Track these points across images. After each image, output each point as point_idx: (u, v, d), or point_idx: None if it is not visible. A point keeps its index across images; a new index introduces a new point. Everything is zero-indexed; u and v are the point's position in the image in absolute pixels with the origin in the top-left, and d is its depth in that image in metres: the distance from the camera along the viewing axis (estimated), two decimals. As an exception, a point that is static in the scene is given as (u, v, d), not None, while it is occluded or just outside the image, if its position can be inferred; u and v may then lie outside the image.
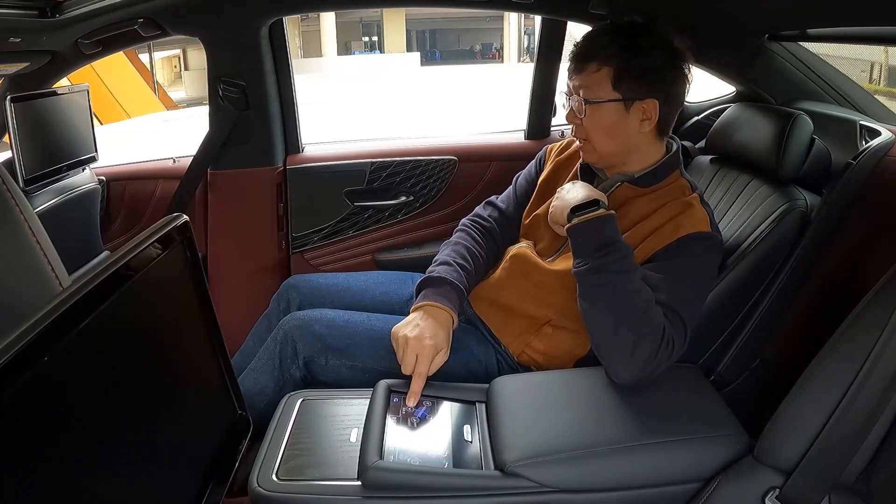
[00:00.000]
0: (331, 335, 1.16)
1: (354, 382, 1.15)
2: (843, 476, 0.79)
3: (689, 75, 1.15)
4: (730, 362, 1.20)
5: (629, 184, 1.16)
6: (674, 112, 1.15)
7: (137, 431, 0.57)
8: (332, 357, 1.16)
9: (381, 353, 1.14)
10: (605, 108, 1.12)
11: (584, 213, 1.05)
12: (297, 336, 1.17)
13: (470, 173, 1.83)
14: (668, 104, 1.13)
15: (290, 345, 1.17)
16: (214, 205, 1.79)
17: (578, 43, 1.16)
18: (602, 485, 0.88)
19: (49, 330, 0.45)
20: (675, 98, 1.13)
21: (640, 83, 1.10)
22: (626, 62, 1.09)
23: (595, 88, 1.11)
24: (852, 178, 1.12)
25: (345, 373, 1.16)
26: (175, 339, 0.67)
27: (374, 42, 26.29)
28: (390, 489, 0.85)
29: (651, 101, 1.11)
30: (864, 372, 0.75)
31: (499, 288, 1.23)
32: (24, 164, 1.49)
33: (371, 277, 1.46)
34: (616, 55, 1.10)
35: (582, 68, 1.13)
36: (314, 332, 1.17)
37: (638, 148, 1.16)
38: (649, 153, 1.16)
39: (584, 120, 1.14)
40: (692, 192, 1.14)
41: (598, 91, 1.11)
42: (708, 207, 1.12)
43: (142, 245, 0.58)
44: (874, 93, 1.67)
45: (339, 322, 1.19)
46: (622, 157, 1.16)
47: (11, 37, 1.39)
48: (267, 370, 1.19)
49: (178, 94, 16.04)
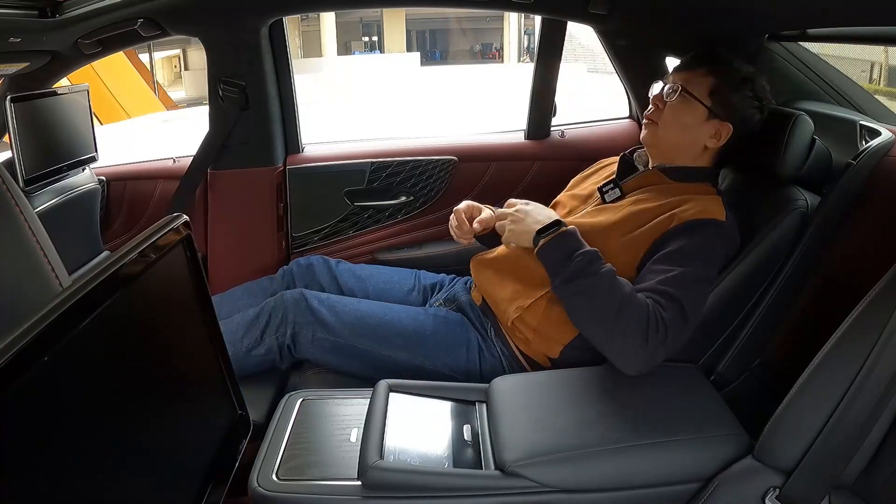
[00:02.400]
0: (320, 310, 1.24)
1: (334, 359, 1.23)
2: (843, 476, 0.79)
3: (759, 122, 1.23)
4: (730, 362, 1.20)
5: (660, 171, 1.23)
6: (737, 147, 1.23)
7: (137, 431, 0.57)
8: (318, 331, 1.23)
9: (362, 331, 1.22)
10: (690, 104, 1.21)
11: (549, 233, 1.10)
12: (290, 306, 1.25)
13: (470, 173, 1.83)
14: (738, 137, 1.21)
15: (280, 311, 1.25)
16: (214, 205, 1.79)
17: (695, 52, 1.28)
18: (602, 485, 0.88)
19: (49, 330, 0.45)
20: (745, 134, 1.22)
21: (728, 105, 1.20)
22: (728, 81, 1.20)
23: (693, 86, 1.21)
24: (852, 178, 1.12)
25: (328, 347, 1.23)
26: (175, 339, 0.67)
27: (374, 42, 26.27)
28: (390, 489, 0.85)
29: (727, 126, 1.20)
30: (864, 372, 0.75)
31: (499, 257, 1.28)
32: (24, 164, 1.48)
33: (376, 268, 1.52)
34: (724, 72, 1.20)
35: (693, 68, 1.23)
36: (309, 305, 1.25)
37: (690, 154, 1.23)
38: (694, 160, 1.24)
39: (666, 105, 1.22)
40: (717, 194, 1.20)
41: (694, 89, 1.21)
42: (732, 210, 1.16)
43: (142, 245, 0.58)
44: (874, 93, 1.67)
45: (330, 301, 1.27)
46: (672, 153, 1.24)
47: (11, 37, 1.39)
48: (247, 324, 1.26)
49: (178, 94, 16.04)
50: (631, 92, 1.85)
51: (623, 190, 1.25)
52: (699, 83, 1.21)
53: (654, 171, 1.23)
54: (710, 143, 1.22)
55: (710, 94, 1.20)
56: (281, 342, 1.23)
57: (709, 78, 1.20)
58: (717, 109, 1.20)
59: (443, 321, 1.26)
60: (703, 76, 1.21)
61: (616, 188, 1.26)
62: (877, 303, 0.79)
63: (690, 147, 1.23)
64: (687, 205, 1.14)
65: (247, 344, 1.24)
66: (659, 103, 1.24)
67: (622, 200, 1.24)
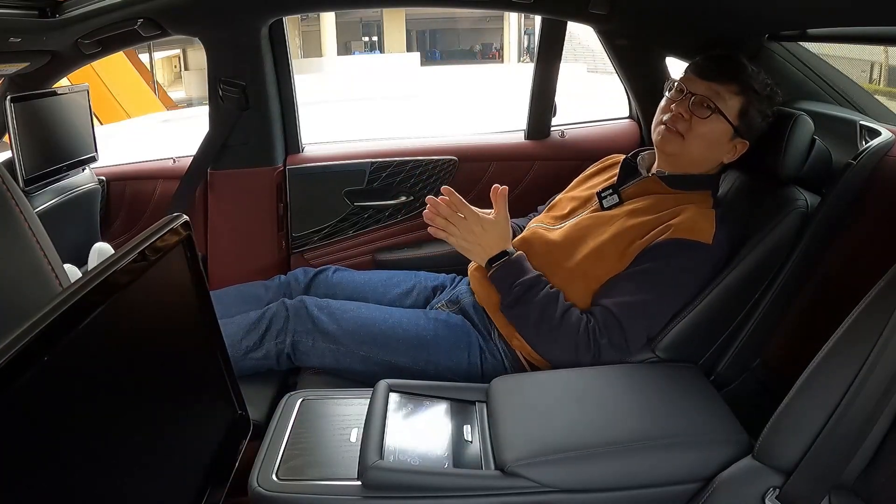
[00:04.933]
0: (320, 318, 1.23)
1: (335, 366, 1.22)
2: (844, 476, 0.79)
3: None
4: (730, 362, 1.20)
5: (660, 179, 1.22)
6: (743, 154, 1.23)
7: (137, 431, 0.57)
8: (318, 339, 1.22)
9: (364, 338, 1.21)
10: (721, 124, 1.19)
11: (497, 262, 1.18)
12: (291, 314, 1.24)
13: (470, 173, 1.83)
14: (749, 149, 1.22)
15: (282, 318, 1.24)
16: (214, 205, 1.79)
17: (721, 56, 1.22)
18: (602, 485, 0.88)
19: (49, 330, 0.45)
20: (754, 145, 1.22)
21: (753, 127, 1.20)
22: (758, 103, 1.19)
23: (724, 104, 1.18)
24: (852, 178, 1.11)
25: (328, 356, 1.22)
26: (175, 339, 0.67)
27: (374, 42, 26.27)
28: (390, 489, 0.85)
29: (745, 143, 1.21)
30: (864, 372, 0.75)
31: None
32: (24, 164, 1.48)
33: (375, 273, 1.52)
34: (754, 92, 1.18)
35: (724, 81, 1.18)
36: (308, 313, 1.24)
37: (705, 167, 1.23)
38: (703, 166, 1.23)
39: (694, 121, 1.18)
40: (712, 208, 1.20)
41: (726, 108, 1.18)
42: (723, 225, 1.15)
43: (142, 245, 0.58)
44: (874, 93, 1.67)
45: (330, 308, 1.26)
46: (689, 166, 1.23)
47: (11, 37, 1.38)
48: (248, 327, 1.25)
49: (178, 94, 16.03)
50: (631, 92, 1.85)
51: (621, 196, 1.25)
52: (730, 101, 1.18)
53: (654, 179, 1.23)
54: (727, 159, 1.23)
55: (739, 114, 1.18)
56: (280, 349, 1.23)
57: (740, 98, 1.18)
58: (742, 130, 1.19)
59: (444, 325, 1.25)
60: (734, 94, 1.18)
61: (614, 194, 1.26)
62: (877, 303, 0.79)
63: (709, 162, 1.23)
64: (677, 219, 1.13)
65: (245, 346, 1.23)
66: (685, 113, 1.20)
67: (619, 208, 1.24)
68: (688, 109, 1.19)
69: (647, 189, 1.24)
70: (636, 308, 1.11)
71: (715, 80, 1.19)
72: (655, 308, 1.12)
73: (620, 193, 1.25)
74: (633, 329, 1.10)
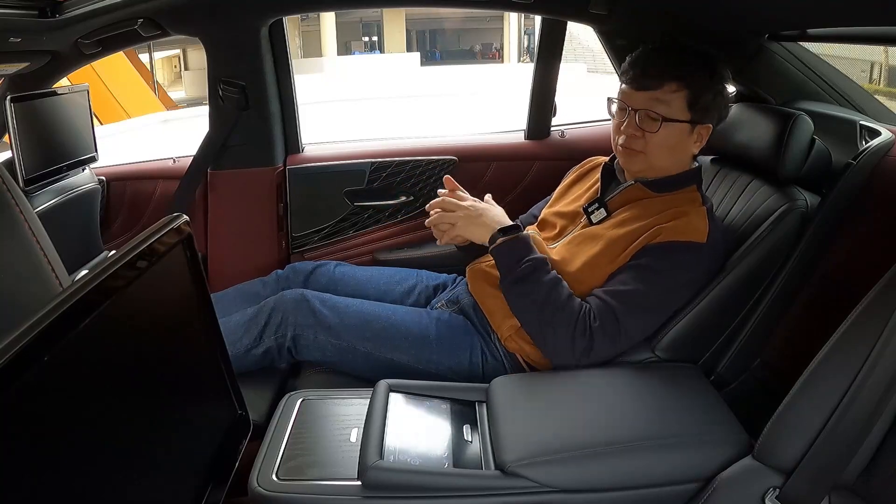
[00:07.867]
0: (323, 312, 1.22)
1: (336, 361, 1.22)
2: (843, 476, 0.79)
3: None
4: (730, 362, 1.20)
5: (643, 185, 1.20)
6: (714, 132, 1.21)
7: (137, 431, 0.57)
8: (320, 333, 1.21)
9: (366, 334, 1.21)
10: (675, 127, 1.16)
11: (507, 235, 1.15)
12: (291, 307, 1.22)
13: (470, 173, 1.83)
14: (715, 129, 1.20)
15: (279, 314, 1.22)
16: (214, 205, 1.79)
17: (647, 59, 1.17)
18: (602, 485, 0.88)
19: (49, 330, 0.45)
20: (720, 123, 1.20)
21: (709, 109, 1.17)
22: (702, 87, 1.15)
23: (670, 108, 1.14)
24: (852, 178, 1.12)
25: (330, 350, 1.21)
26: (175, 339, 0.67)
27: (374, 42, 26.27)
28: (390, 489, 0.85)
29: (708, 126, 1.18)
30: (864, 372, 0.75)
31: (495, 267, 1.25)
32: (24, 164, 1.48)
33: (377, 269, 1.52)
34: (695, 78, 1.14)
35: (658, 85, 1.15)
36: (311, 307, 1.23)
37: (678, 167, 1.21)
38: (677, 166, 1.21)
39: (647, 135, 1.16)
40: (702, 205, 1.18)
41: (673, 110, 1.14)
42: (714, 221, 1.15)
43: (142, 245, 0.58)
44: (874, 93, 1.67)
45: (333, 302, 1.25)
46: (661, 172, 1.21)
47: (11, 37, 1.39)
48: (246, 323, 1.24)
49: (178, 94, 16.03)
50: (631, 92, 1.85)
51: (608, 209, 1.23)
52: (674, 102, 1.14)
53: (638, 186, 1.21)
54: (695, 149, 1.21)
55: (688, 107, 1.15)
56: (280, 343, 1.22)
57: (683, 92, 1.14)
58: (697, 118, 1.16)
59: (446, 325, 1.25)
60: (673, 92, 1.14)
61: (601, 208, 1.24)
62: (877, 303, 0.79)
63: (681, 161, 1.21)
64: (670, 223, 1.12)
65: (245, 343, 1.23)
66: (635, 131, 1.16)
67: (608, 220, 1.22)
68: (637, 126, 1.16)
69: (632, 196, 1.21)
70: (630, 297, 1.09)
71: (650, 87, 1.15)
72: (650, 302, 1.11)
73: (607, 205, 1.23)
74: (627, 320, 1.08)
